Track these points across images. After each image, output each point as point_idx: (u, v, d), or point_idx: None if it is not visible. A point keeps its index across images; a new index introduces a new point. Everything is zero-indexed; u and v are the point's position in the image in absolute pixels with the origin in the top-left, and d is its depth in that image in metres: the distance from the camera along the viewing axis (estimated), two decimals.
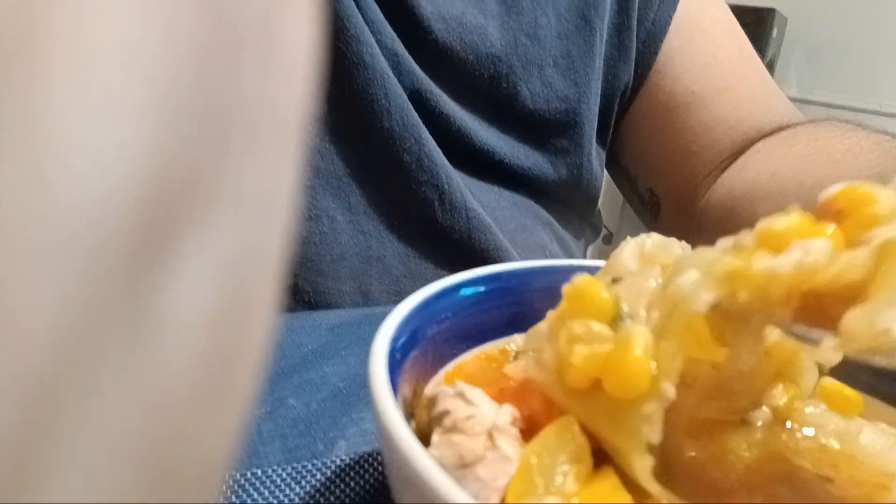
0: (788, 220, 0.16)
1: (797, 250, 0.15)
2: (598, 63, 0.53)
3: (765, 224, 0.16)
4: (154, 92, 0.06)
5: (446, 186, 0.44)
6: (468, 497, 0.13)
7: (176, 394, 0.07)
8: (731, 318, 0.17)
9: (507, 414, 0.18)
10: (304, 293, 0.42)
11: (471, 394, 0.18)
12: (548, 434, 0.17)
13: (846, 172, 0.41)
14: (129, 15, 0.06)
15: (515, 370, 0.19)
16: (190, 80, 0.07)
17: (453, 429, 0.18)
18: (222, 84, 0.07)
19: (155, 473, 0.07)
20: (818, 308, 0.15)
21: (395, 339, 0.19)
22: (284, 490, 0.21)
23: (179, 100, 0.06)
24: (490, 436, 0.17)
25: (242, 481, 0.21)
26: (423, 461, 0.14)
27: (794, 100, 0.60)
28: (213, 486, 0.09)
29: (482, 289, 0.24)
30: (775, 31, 1.79)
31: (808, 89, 1.88)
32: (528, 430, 0.18)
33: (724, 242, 0.17)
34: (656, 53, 0.55)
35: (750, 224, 0.20)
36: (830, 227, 0.16)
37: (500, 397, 0.19)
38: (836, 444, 0.20)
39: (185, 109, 0.07)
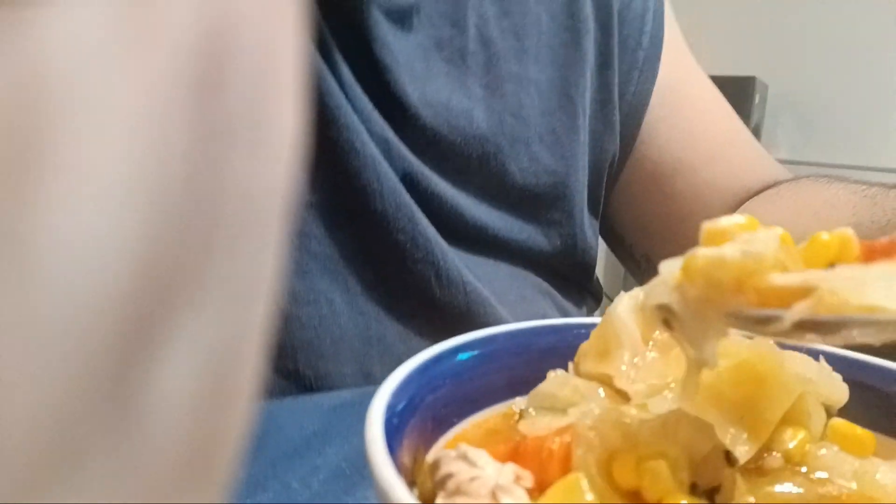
0: (733, 219, 0.16)
1: (742, 240, 0.15)
2: (584, 137, 0.55)
3: (710, 223, 0.17)
4: (145, 188, 0.06)
5: (442, 263, 0.45)
6: None
7: (161, 476, 0.07)
8: (688, 323, 0.17)
9: (509, 472, 0.17)
10: (305, 378, 0.41)
11: (474, 455, 0.18)
12: (555, 493, 0.17)
13: (825, 224, 0.43)
14: (124, 115, 0.06)
15: (529, 428, 0.19)
16: (180, 176, 0.07)
17: (457, 492, 0.17)
18: (210, 179, 0.07)
19: None
20: (778, 301, 0.15)
21: (391, 406, 0.19)
22: None
23: (169, 195, 0.07)
24: (494, 495, 0.17)
25: None
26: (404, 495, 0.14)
27: (784, 162, 0.61)
28: None
29: (479, 352, 0.24)
30: (757, 97, 1.85)
31: (797, 151, 1.93)
32: (539, 489, 0.18)
33: (671, 262, 0.17)
34: (639, 125, 0.57)
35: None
36: (779, 230, 0.16)
37: (509, 456, 0.18)
38: (853, 486, 0.19)
39: (174, 204, 0.07)
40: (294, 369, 0.41)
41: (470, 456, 0.18)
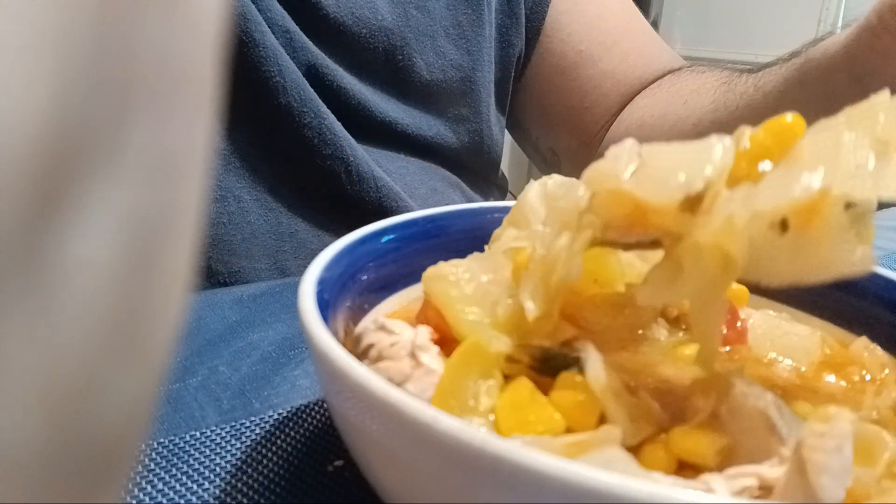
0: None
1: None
2: (490, 31, 0.55)
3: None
4: (52, 43, 0.06)
5: (351, 158, 0.45)
6: (381, 381, 0.15)
7: (79, 343, 0.07)
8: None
9: (424, 332, 0.19)
10: (218, 274, 0.41)
11: (391, 325, 0.19)
12: (454, 359, 0.18)
13: (692, 111, 0.52)
14: None
15: None
16: (89, 32, 0.07)
17: (380, 358, 0.19)
18: (124, 37, 0.07)
19: (63, 424, 0.07)
20: None
21: (321, 281, 0.20)
22: (225, 447, 0.21)
23: (78, 52, 0.07)
24: (413, 355, 0.18)
25: (182, 444, 0.21)
26: (342, 354, 0.15)
27: (682, 56, 0.64)
28: (130, 436, 0.09)
29: (400, 234, 0.25)
30: None
31: (691, 45, 1.98)
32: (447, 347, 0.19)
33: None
34: (543, 18, 0.58)
35: None
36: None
37: (420, 314, 0.20)
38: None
39: (83, 62, 0.07)
40: (206, 266, 0.41)
41: (388, 325, 0.19)
